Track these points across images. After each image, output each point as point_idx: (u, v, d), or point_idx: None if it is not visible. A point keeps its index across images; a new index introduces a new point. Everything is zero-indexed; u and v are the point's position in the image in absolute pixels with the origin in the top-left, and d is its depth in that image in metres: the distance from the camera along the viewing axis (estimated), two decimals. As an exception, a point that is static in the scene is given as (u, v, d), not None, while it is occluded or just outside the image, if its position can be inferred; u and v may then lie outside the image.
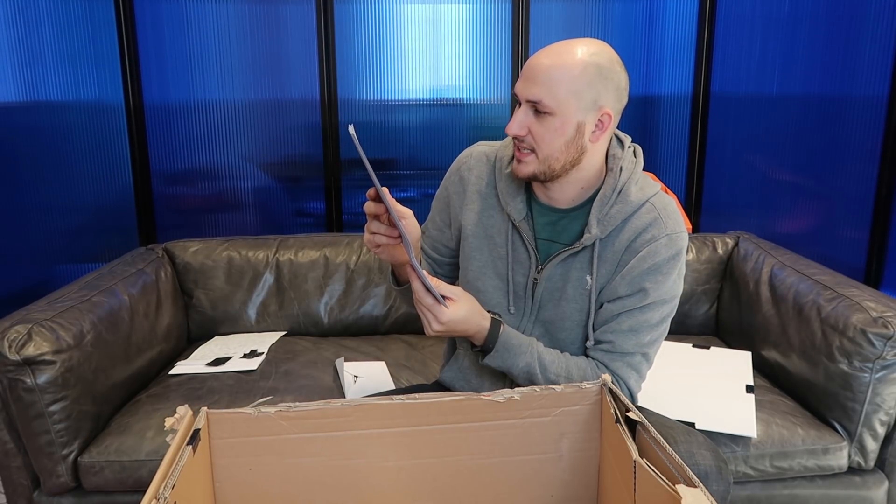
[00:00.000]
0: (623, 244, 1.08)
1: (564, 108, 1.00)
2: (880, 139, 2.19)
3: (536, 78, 1.00)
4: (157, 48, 2.36)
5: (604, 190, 1.08)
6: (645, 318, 1.08)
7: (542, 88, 0.99)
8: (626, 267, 1.07)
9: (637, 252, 1.07)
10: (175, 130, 2.43)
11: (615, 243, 1.08)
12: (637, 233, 1.07)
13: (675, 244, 1.07)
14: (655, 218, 1.07)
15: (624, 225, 1.08)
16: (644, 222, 1.07)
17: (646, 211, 1.08)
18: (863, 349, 1.42)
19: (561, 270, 1.11)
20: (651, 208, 1.08)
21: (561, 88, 0.99)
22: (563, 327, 1.13)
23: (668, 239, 1.06)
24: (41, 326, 1.38)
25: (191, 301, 1.98)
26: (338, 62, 2.38)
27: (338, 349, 1.87)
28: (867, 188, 2.25)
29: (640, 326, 1.09)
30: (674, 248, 1.07)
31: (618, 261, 1.08)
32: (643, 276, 1.07)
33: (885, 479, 1.53)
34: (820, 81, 2.34)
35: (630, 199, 1.07)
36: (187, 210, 2.52)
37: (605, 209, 1.07)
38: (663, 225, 1.07)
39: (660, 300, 1.08)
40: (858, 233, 2.29)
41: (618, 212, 1.07)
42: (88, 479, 1.43)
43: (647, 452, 0.62)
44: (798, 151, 2.42)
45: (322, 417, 0.72)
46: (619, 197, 1.07)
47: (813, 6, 2.32)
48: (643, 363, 1.12)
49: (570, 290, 1.11)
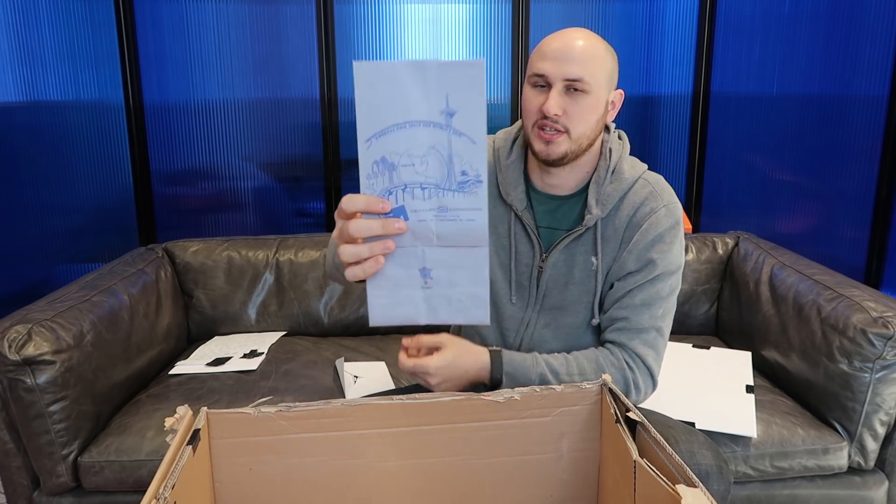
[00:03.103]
0: (624, 221, 1.10)
1: (598, 87, 1.03)
2: (880, 139, 2.19)
3: (573, 57, 1.00)
4: (157, 48, 2.36)
5: (598, 172, 1.11)
6: (655, 290, 1.10)
7: (581, 67, 1.00)
8: (630, 242, 1.09)
9: (639, 226, 1.09)
10: (175, 130, 2.43)
11: (615, 221, 1.10)
12: (635, 208, 1.10)
13: (674, 214, 1.10)
14: (651, 192, 1.11)
15: (621, 202, 1.10)
16: (640, 197, 1.10)
17: (640, 186, 1.11)
18: (863, 349, 1.41)
19: (565, 256, 1.12)
20: (645, 183, 1.12)
21: (597, 67, 1.02)
22: (570, 311, 1.14)
23: (666, 209, 1.10)
24: (41, 326, 1.38)
25: (191, 301, 1.98)
26: (338, 62, 2.38)
27: (338, 349, 1.87)
28: (867, 188, 2.24)
29: (651, 299, 1.10)
30: (673, 218, 1.10)
31: (621, 238, 1.10)
32: (649, 248, 1.09)
33: (885, 479, 1.52)
34: (820, 81, 2.34)
35: (624, 176, 1.10)
36: (187, 210, 2.52)
37: (602, 189, 1.10)
38: (659, 197, 1.10)
39: (667, 271, 1.10)
40: (858, 233, 2.29)
41: (614, 190, 1.10)
42: (88, 479, 1.43)
43: (647, 452, 0.62)
44: (798, 151, 2.42)
45: (322, 417, 0.72)
46: (613, 176, 1.10)
47: (813, 6, 2.32)
48: (658, 339, 1.12)
49: (577, 274, 1.12)
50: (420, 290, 0.77)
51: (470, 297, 0.77)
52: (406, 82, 0.70)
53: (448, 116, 0.71)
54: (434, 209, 0.74)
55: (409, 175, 0.73)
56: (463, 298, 0.77)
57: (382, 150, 0.72)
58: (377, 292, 0.77)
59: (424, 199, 0.74)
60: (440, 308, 0.78)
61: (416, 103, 0.71)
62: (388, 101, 0.71)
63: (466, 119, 0.70)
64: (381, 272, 0.76)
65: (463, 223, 0.74)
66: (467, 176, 0.72)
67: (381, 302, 0.77)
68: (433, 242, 0.75)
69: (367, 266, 0.75)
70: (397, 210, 0.74)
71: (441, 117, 0.71)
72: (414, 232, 0.75)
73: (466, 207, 0.73)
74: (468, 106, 0.70)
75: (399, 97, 0.70)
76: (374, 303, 0.77)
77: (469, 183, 0.73)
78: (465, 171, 0.72)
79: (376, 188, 0.74)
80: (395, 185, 0.73)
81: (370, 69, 0.70)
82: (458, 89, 0.70)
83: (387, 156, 0.72)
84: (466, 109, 0.70)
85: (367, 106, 0.71)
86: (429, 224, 0.74)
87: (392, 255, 0.76)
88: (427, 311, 0.78)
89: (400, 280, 0.77)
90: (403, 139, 0.72)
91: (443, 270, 0.76)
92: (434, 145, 0.72)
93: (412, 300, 0.77)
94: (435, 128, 0.71)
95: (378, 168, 0.73)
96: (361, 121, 0.72)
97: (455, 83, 0.69)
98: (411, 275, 0.77)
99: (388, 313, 0.78)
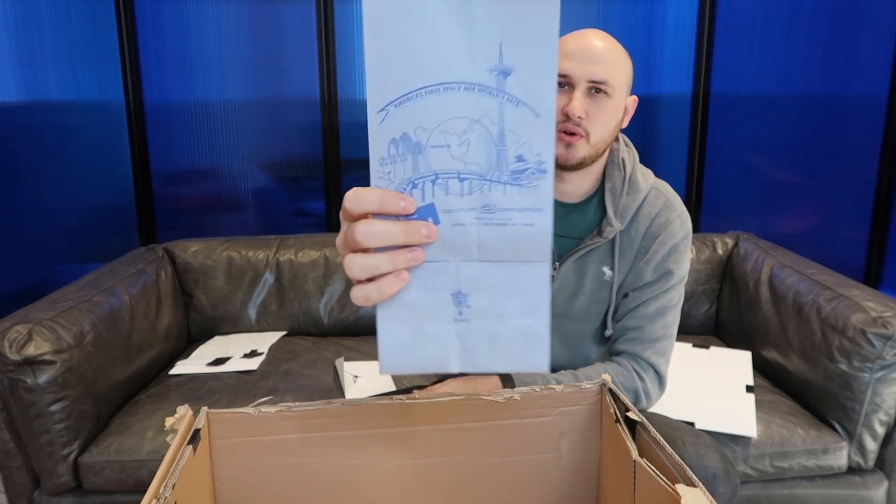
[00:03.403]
0: (640, 232, 1.09)
1: (620, 91, 1.01)
2: (880, 139, 2.19)
3: (596, 58, 0.97)
4: (157, 48, 2.36)
5: (613, 182, 1.09)
6: (668, 299, 1.10)
7: (605, 69, 0.98)
8: (647, 253, 1.09)
9: (656, 237, 1.08)
10: (175, 130, 2.43)
11: (631, 232, 1.09)
12: (651, 218, 1.09)
13: (686, 223, 1.10)
14: (665, 202, 1.10)
15: (637, 213, 1.09)
16: (655, 207, 1.09)
17: (653, 196, 1.10)
18: (862, 349, 1.42)
19: (576, 266, 1.11)
20: (658, 193, 1.11)
21: (619, 69, 1.00)
22: (577, 320, 1.13)
23: (679, 219, 1.09)
24: (41, 326, 1.38)
25: (191, 301, 1.98)
26: (338, 62, 2.38)
27: (338, 349, 1.87)
28: (867, 188, 2.25)
29: (664, 308, 1.10)
30: (685, 228, 1.10)
31: (637, 249, 1.09)
32: (665, 259, 1.09)
33: (884, 479, 1.53)
34: (820, 81, 2.34)
35: (639, 187, 1.09)
36: (187, 210, 2.52)
37: (618, 200, 1.08)
38: (673, 207, 1.10)
39: (680, 279, 1.11)
40: (858, 233, 2.29)
41: (631, 201, 1.08)
42: (88, 479, 1.43)
43: (647, 452, 0.62)
44: (798, 151, 2.42)
45: (322, 417, 0.72)
46: (629, 187, 1.09)
47: (813, 6, 2.32)
48: (669, 346, 1.13)
49: (588, 284, 1.11)
50: (452, 324, 0.54)
51: (522, 333, 0.54)
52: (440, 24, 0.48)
53: (501, 76, 0.49)
54: (476, 209, 0.52)
55: (442, 160, 0.51)
56: (512, 336, 0.54)
57: (403, 123, 0.50)
58: (391, 326, 0.54)
59: (463, 195, 0.51)
60: (479, 350, 0.55)
61: (455, 56, 0.49)
62: (412, 52, 0.48)
63: (528, 81, 0.49)
64: (398, 297, 0.53)
65: (517, 229, 0.52)
66: (525, 163, 0.50)
67: (397, 340, 0.54)
68: (473, 256, 0.53)
69: (385, 285, 0.52)
70: (424, 210, 0.52)
71: (491, 77, 0.49)
72: (446, 240, 0.52)
73: (522, 207, 0.51)
74: (532, 61, 0.48)
75: (429, 46, 0.48)
76: (387, 341, 0.54)
77: (528, 173, 0.51)
78: (523, 156, 0.50)
79: (394, 178, 0.51)
80: (420, 174, 0.51)
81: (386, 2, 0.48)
82: (518, 37, 0.48)
83: (410, 132, 0.50)
84: (529, 66, 0.48)
85: (380, 58, 0.48)
86: (468, 229, 0.52)
87: (414, 274, 0.53)
88: (461, 354, 0.55)
89: (424, 309, 0.54)
90: (434, 108, 0.50)
91: (485, 296, 0.54)
92: (479, 118, 0.50)
93: (440, 338, 0.55)
94: (481, 92, 0.49)
95: (397, 150, 0.50)
96: (373, 81, 0.49)
97: (514, 27, 0.48)
98: (440, 301, 0.54)
99: (406, 357, 0.55)
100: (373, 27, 0.48)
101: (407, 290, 0.53)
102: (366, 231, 0.51)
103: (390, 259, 0.51)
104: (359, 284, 0.53)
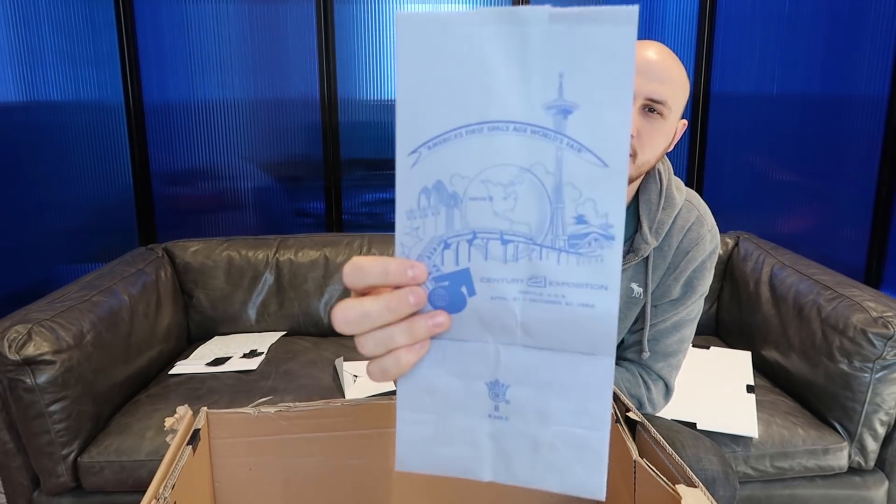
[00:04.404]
0: (672, 247, 1.05)
1: (675, 113, 0.93)
2: (880, 139, 2.19)
3: (658, 76, 0.88)
4: (157, 48, 2.36)
5: (649, 194, 1.03)
6: (687, 313, 1.08)
7: (666, 88, 0.89)
8: (677, 269, 1.05)
9: (686, 252, 1.04)
10: (175, 130, 2.43)
11: (664, 248, 1.05)
12: (683, 233, 1.04)
13: (715, 237, 1.06)
14: (697, 216, 1.05)
15: (671, 228, 1.04)
16: (688, 221, 1.05)
17: (686, 210, 1.05)
18: (863, 349, 1.41)
19: None
20: (690, 206, 1.06)
21: (680, 91, 0.92)
22: None
23: (710, 234, 1.05)
24: (41, 326, 1.38)
25: (191, 301, 1.98)
26: (338, 62, 2.38)
27: (338, 349, 1.87)
28: (867, 188, 2.24)
29: (682, 322, 1.08)
30: (714, 241, 1.06)
31: (667, 264, 1.06)
32: (694, 275, 1.05)
33: (885, 479, 1.53)
34: (820, 81, 2.34)
35: (675, 202, 1.04)
36: (187, 210, 2.52)
37: (654, 215, 1.03)
38: (704, 221, 1.05)
39: (702, 294, 1.08)
40: (858, 233, 2.29)
41: (667, 216, 1.03)
42: (88, 479, 1.43)
43: (647, 452, 0.62)
44: (798, 151, 2.42)
45: (322, 417, 0.72)
46: (665, 202, 1.03)
47: (813, 6, 2.32)
48: (681, 359, 1.11)
49: None
50: (485, 420, 0.44)
51: (573, 446, 0.43)
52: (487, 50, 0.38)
53: (560, 115, 0.38)
54: (522, 280, 0.41)
55: (483, 216, 0.41)
56: (560, 446, 0.43)
57: (438, 169, 0.40)
58: (412, 414, 0.45)
59: (506, 262, 0.41)
60: (517, 457, 0.44)
61: (504, 89, 0.39)
62: (452, 84, 0.39)
63: (595, 121, 0.38)
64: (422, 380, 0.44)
65: (572, 310, 0.40)
66: (587, 225, 0.39)
67: (418, 431, 0.45)
68: (516, 339, 0.42)
69: (401, 353, 0.43)
70: (456, 276, 0.42)
71: (547, 116, 0.39)
72: (484, 318, 0.42)
73: (581, 282, 0.40)
74: (600, 97, 0.38)
75: (472, 77, 0.39)
76: (406, 431, 0.45)
77: (590, 238, 0.39)
78: (584, 217, 0.39)
79: (423, 236, 0.41)
80: (456, 232, 0.41)
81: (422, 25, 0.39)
82: (584, 65, 0.38)
83: (445, 180, 0.40)
84: (597, 103, 0.38)
85: (414, 90, 0.39)
86: (510, 305, 0.41)
87: (442, 353, 0.43)
88: (494, 459, 0.44)
89: (452, 397, 0.44)
90: (476, 152, 0.40)
91: (528, 390, 0.43)
92: (531, 166, 0.39)
93: (470, 436, 0.44)
94: (535, 134, 0.39)
95: (429, 201, 0.41)
96: (404, 117, 0.40)
97: (578, 54, 0.37)
98: (472, 390, 0.44)
99: (428, 453, 0.45)
100: (406, 53, 0.39)
101: (433, 373, 0.44)
102: (343, 319, 0.43)
103: (406, 329, 0.42)
104: (373, 361, 0.45)
